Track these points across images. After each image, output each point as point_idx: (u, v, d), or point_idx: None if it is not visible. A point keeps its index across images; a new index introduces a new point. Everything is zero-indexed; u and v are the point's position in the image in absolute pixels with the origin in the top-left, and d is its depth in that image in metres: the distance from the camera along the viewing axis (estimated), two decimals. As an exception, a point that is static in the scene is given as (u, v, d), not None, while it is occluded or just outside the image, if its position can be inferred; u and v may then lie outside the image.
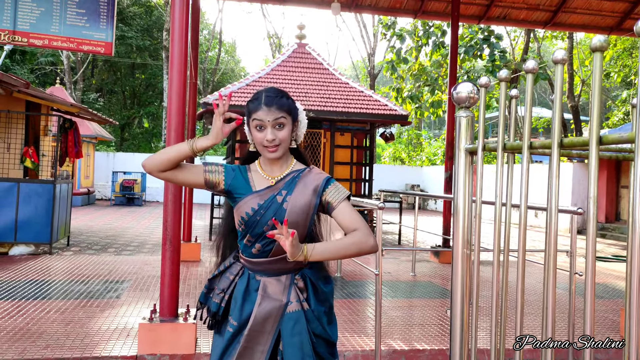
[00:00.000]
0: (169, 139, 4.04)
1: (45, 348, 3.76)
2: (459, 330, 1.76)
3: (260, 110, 1.97)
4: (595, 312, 5.42)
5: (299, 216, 2.01)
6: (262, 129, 1.97)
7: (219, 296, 2.09)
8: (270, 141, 1.96)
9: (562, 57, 1.22)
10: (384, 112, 11.52)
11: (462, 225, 1.74)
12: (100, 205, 18.68)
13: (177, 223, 3.97)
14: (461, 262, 1.75)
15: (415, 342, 4.27)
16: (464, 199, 1.72)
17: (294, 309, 2.02)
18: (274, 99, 1.99)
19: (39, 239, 7.68)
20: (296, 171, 2.08)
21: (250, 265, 2.08)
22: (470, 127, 1.71)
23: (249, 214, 1.99)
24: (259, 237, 2.01)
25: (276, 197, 2.02)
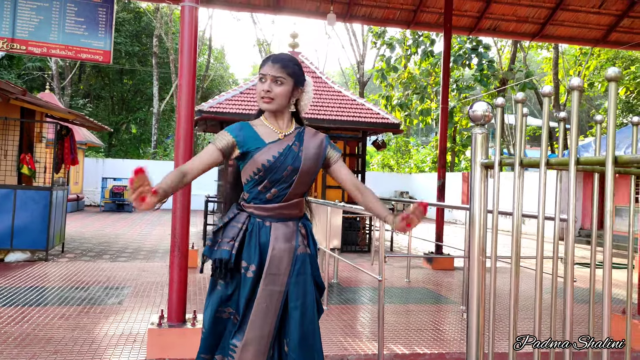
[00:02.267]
0: (177, 150, 4.13)
1: (54, 353, 3.82)
2: (475, 335, 1.88)
3: (266, 65, 2.20)
4: (581, 316, 5.58)
5: (312, 163, 2.25)
6: (263, 82, 2.19)
7: (230, 244, 2.18)
8: (265, 92, 2.17)
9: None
10: (376, 121, 11.68)
11: (478, 235, 1.86)
12: (90, 211, 18.60)
13: (186, 230, 4.06)
14: (477, 270, 1.87)
15: (415, 346, 4.39)
16: (480, 210, 1.85)
17: (302, 252, 2.24)
18: (281, 60, 2.22)
19: (35, 246, 7.70)
20: (299, 128, 2.33)
21: (260, 211, 2.22)
22: (486, 142, 1.85)
23: (270, 161, 2.17)
24: (276, 182, 2.20)
25: (292, 146, 2.23)
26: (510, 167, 1.80)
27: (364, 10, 9.39)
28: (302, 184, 2.24)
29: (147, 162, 23.41)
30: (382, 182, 23.93)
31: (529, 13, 9.50)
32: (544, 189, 1.62)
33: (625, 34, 9.81)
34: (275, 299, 2.16)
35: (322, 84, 12.60)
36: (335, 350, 4.19)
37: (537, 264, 1.64)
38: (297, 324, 2.15)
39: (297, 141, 2.25)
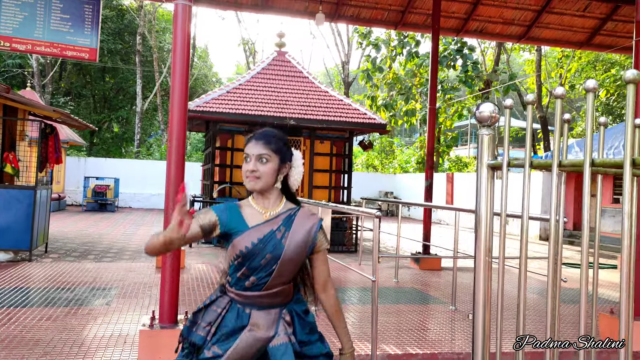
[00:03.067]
0: (170, 152, 4.08)
1: (43, 355, 3.75)
2: (480, 335, 1.88)
3: (249, 143, 2.13)
4: (568, 316, 5.65)
5: (296, 253, 2.12)
6: (248, 161, 2.11)
7: (205, 329, 2.12)
8: (250, 172, 2.09)
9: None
10: (363, 121, 11.70)
11: (484, 236, 1.86)
12: (72, 211, 18.33)
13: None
14: (483, 271, 1.87)
15: (407, 346, 4.40)
16: (487, 211, 1.85)
17: (281, 342, 2.11)
18: (265, 136, 2.13)
19: (19, 246, 7.56)
20: (291, 209, 2.20)
21: (240, 298, 2.14)
22: (492, 143, 1.85)
23: (248, 247, 2.08)
24: (254, 270, 2.10)
25: (275, 232, 2.11)
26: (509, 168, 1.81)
27: (352, 10, 9.40)
28: (284, 273, 2.13)
29: (131, 161, 23.17)
30: (367, 182, 23.99)
31: (515, 15, 9.60)
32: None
33: (608, 37, 9.97)
34: None
35: (309, 84, 12.59)
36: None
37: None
38: None
39: (284, 225, 2.14)
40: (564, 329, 5.14)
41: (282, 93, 12.01)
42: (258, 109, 11.22)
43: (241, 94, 11.64)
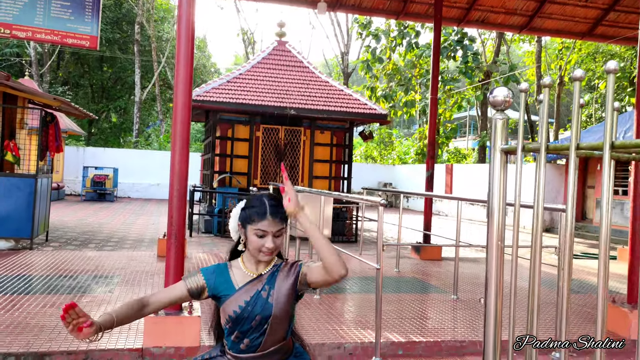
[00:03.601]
0: (174, 139, 4.07)
1: (49, 341, 3.76)
2: (492, 321, 1.88)
3: (265, 220, 2.07)
4: (574, 307, 5.68)
5: (284, 306, 2.11)
6: (263, 237, 2.08)
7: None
8: (269, 249, 2.08)
9: (614, 67, 1.34)
10: (364, 111, 11.68)
11: (497, 223, 1.86)
12: (71, 200, 18.31)
13: (182, 218, 4.01)
14: (495, 259, 1.86)
15: (410, 334, 4.42)
16: (499, 198, 1.85)
17: None
18: (277, 209, 2.11)
19: (20, 234, 7.55)
20: (275, 266, 2.19)
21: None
22: (506, 128, 1.85)
23: (237, 312, 2.08)
24: (246, 332, 2.09)
25: (261, 292, 2.10)
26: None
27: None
28: (278, 331, 2.13)
29: (130, 151, 23.13)
30: (366, 173, 23.99)
31: (518, 5, 9.56)
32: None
33: (610, 28, 9.94)
34: None
35: (310, 74, 12.55)
36: (332, 338, 4.20)
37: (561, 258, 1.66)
38: None
39: (268, 284, 2.13)
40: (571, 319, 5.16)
41: (283, 83, 11.97)
42: (258, 98, 11.19)
43: (241, 84, 11.60)
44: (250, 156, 11.50)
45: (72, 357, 3.61)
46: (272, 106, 11.06)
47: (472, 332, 4.58)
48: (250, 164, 11.51)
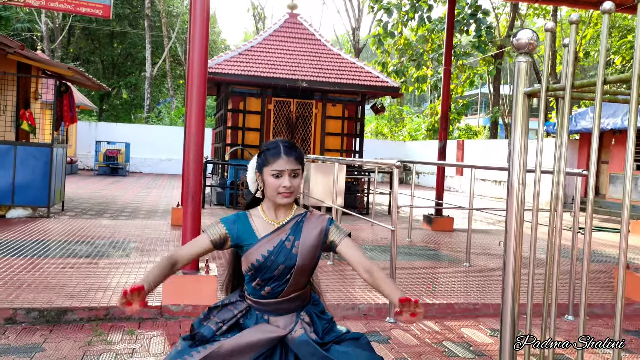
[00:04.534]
0: (190, 106, 4.09)
1: (70, 298, 3.85)
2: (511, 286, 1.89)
3: (280, 159, 2.09)
4: (590, 274, 5.71)
5: (308, 259, 2.13)
6: (279, 177, 2.09)
7: (217, 325, 2.15)
8: (287, 188, 2.09)
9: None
10: (376, 84, 11.62)
11: (518, 174, 1.86)
12: (84, 175, 18.48)
13: (199, 179, 4.05)
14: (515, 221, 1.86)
15: (423, 297, 4.47)
16: (521, 144, 1.85)
17: (300, 333, 2.13)
18: (291, 150, 2.13)
19: (37, 203, 7.66)
20: (299, 215, 2.19)
21: (258, 305, 2.18)
22: (529, 71, 1.85)
23: (260, 260, 2.09)
24: (268, 280, 2.12)
25: (285, 242, 2.12)
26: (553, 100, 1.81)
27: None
28: (300, 281, 2.16)
29: (142, 126, 23.20)
30: (377, 149, 23.93)
31: (534, -25, 9.39)
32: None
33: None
34: None
35: (321, 47, 12.46)
36: (346, 299, 4.26)
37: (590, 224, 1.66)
38: None
39: (293, 234, 2.14)
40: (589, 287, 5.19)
41: (294, 55, 11.91)
42: (270, 71, 11.16)
43: (253, 56, 11.56)
44: (262, 129, 11.51)
45: (93, 313, 3.70)
46: (283, 78, 11.02)
47: (484, 296, 4.62)
48: (262, 136, 11.52)
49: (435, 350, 3.45)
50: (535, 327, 3.76)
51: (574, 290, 4.39)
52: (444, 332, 3.85)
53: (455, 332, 3.86)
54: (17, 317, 3.58)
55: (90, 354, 3.11)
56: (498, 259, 6.41)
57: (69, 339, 3.34)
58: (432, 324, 4.02)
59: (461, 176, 20.00)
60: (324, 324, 2.27)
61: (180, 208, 7.64)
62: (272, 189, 2.13)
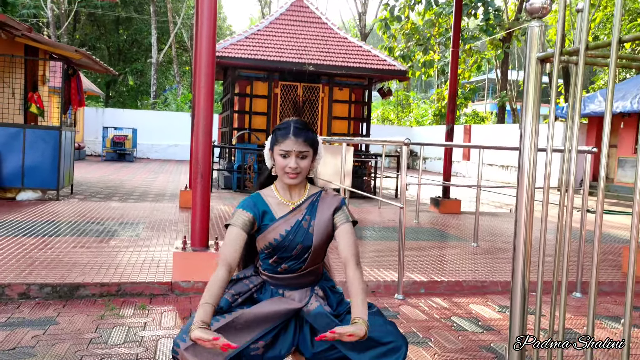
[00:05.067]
0: (198, 80, 4.09)
1: (82, 275, 3.89)
2: (521, 262, 1.88)
3: (288, 140, 2.10)
4: (604, 255, 5.71)
5: (324, 239, 2.16)
6: (287, 157, 2.10)
7: (233, 297, 2.19)
8: (292, 169, 2.09)
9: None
10: (383, 67, 11.56)
11: (531, 135, 1.85)
12: (91, 160, 18.57)
13: (208, 156, 4.07)
14: (526, 197, 1.85)
15: (432, 274, 4.49)
16: (533, 111, 1.84)
17: (315, 306, 2.17)
18: (301, 131, 2.12)
19: (46, 185, 7.72)
20: (314, 195, 2.21)
21: (273, 280, 2.22)
22: (542, 36, 1.83)
23: (278, 240, 2.12)
24: (286, 259, 2.15)
25: (301, 222, 2.14)
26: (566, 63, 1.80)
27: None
28: (317, 259, 2.19)
29: (149, 112, 23.21)
30: (383, 134, 23.86)
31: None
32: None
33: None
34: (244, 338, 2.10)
35: (328, 30, 12.40)
36: (354, 276, 4.28)
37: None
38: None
39: (309, 214, 2.16)
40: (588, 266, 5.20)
41: (301, 39, 11.86)
42: (277, 54, 11.12)
43: (260, 40, 11.52)
44: (269, 113, 11.51)
45: (105, 289, 3.74)
46: (290, 62, 10.99)
47: (493, 274, 4.64)
48: (269, 120, 11.52)
49: (444, 325, 3.47)
50: (545, 304, 3.79)
51: (582, 269, 4.40)
52: (453, 308, 3.87)
53: (464, 308, 3.88)
54: (31, 293, 3.62)
55: (103, 327, 3.15)
56: (506, 239, 6.42)
57: (81, 313, 3.38)
58: (441, 301, 4.04)
59: (468, 161, 19.95)
60: (337, 298, 2.31)
61: (188, 190, 7.68)
62: (279, 168, 2.15)
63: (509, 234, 6.75)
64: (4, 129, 7.48)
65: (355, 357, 2.13)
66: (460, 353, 2.97)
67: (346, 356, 2.15)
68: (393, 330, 2.15)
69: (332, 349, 2.17)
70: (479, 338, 3.24)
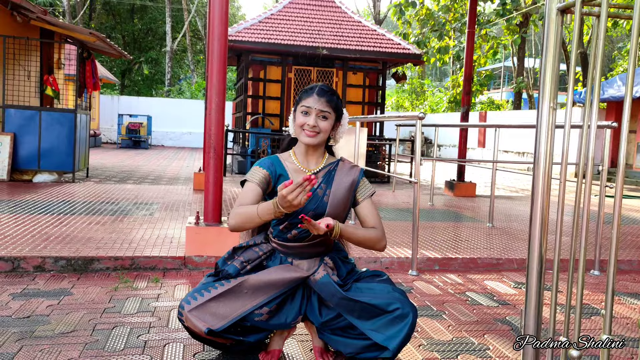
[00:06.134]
0: (211, 58, 4.06)
1: (96, 249, 3.91)
2: (538, 236, 1.82)
3: (310, 97, 2.09)
4: (619, 234, 5.61)
5: (339, 209, 2.15)
6: (307, 115, 2.08)
7: (242, 264, 2.18)
8: (311, 126, 2.07)
9: None
10: (397, 51, 11.44)
11: (548, 102, 1.79)
12: (107, 148, 18.73)
13: (221, 131, 4.05)
14: (543, 170, 1.78)
15: (446, 252, 4.45)
16: (553, 65, 1.77)
17: (322, 275, 2.16)
18: (326, 92, 2.12)
19: (62, 168, 7.78)
20: (332, 164, 2.20)
21: (283, 248, 2.21)
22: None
23: None
24: (296, 225, 2.13)
25: (317, 190, 2.13)
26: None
27: None
28: None
29: (163, 100, 23.32)
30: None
31: None
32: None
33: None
34: (245, 304, 2.12)
35: (342, 14, 12.30)
36: (369, 254, 4.25)
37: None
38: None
39: (325, 182, 2.15)
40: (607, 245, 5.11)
41: (315, 23, 11.78)
42: (290, 38, 11.06)
43: (273, 24, 11.46)
44: (283, 98, 11.47)
45: (119, 262, 3.76)
46: (304, 46, 10.92)
47: (508, 252, 4.58)
48: (283, 105, 11.49)
49: (458, 299, 3.43)
50: (562, 282, 3.73)
51: (600, 247, 4.32)
52: (467, 284, 3.82)
53: (479, 284, 3.84)
54: (46, 266, 3.65)
55: (117, 298, 3.16)
56: (522, 220, 6.34)
57: (96, 285, 3.40)
58: (455, 277, 4.00)
59: (483, 148, 19.75)
60: (348, 268, 2.29)
61: (202, 173, 7.70)
62: (298, 126, 2.13)
63: (525, 216, 6.67)
64: (20, 112, 7.54)
65: (360, 324, 2.11)
66: (475, 325, 2.94)
67: (352, 324, 2.13)
68: (400, 297, 2.12)
69: (339, 317, 2.16)
70: (494, 312, 3.20)
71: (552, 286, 1.71)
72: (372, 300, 2.09)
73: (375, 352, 2.10)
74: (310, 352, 2.43)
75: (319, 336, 2.27)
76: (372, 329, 2.09)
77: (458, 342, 2.66)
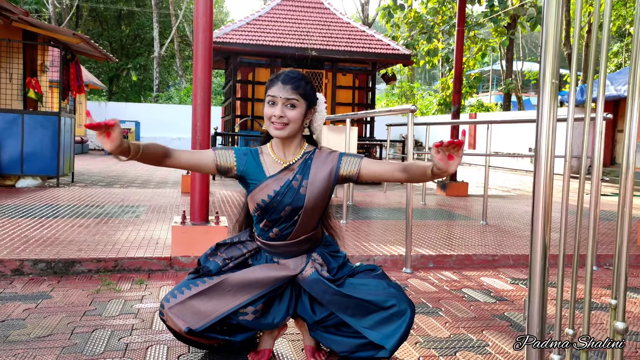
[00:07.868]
0: (196, 54, 3.94)
1: (78, 251, 3.76)
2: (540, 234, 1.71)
3: (275, 86, 1.95)
4: (605, 229, 5.55)
5: (317, 200, 2.01)
6: (273, 105, 1.95)
7: (225, 261, 2.08)
8: (277, 117, 1.94)
9: None
10: (387, 52, 11.38)
11: (552, 65, 1.68)
12: (95, 154, 18.48)
13: (207, 127, 3.92)
14: (545, 163, 1.68)
15: (440, 249, 4.34)
16: (554, 36, 1.67)
17: (309, 274, 2.05)
18: (291, 79, 1.96)
19: (46, 172, 7.60)
20: (307, 153, 2.06)
21: (267, 247, 2.10)
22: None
23: (266, 201, 1.99)
24: (276, 222, 2.02)
25: (292, 182, 2.00)
26: None
27: None
28: (309, 222, 2.04)
29: (151, 105, 23.14)
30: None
31: None
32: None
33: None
34: (231, 301, 2.01)
35: (330, 15, 12.23)
36: (360, 252, 4.14)
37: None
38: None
39: (300, 173, 2.01)
40: (603, 238, 5.03)
41: (303, 24, 11.69)
42: (279, 40, 10.96)
43: (261, 26, 11.36)
44: (272, 100, 11.36)
45: (101, 264, 3.61)
46: (293, 47, 10.83)
47: (503, 248, 4.48)
48: (272, 107, 11.38)
49: (454, 296, 3.32)
50: (564, 277, 3.63)
51: (597, 243, 4.23)
52: (463, 280, 3.71)
53: (475, 280, 3.73)
54: (24, 269, 3.49)
55: (99, 300, 3.02)
56: (515, 218, 6.25)
57: (76, 288, 3.25)
58: (450, 274, 3.89)
59: (474, 149, 19.75)
60: (338, 262, 2.17)
61: (190, 175, 7.55)
62: (266, 119, 2.00)
63: (518, 214, 6.59)
64: (2, 115, 7.36)
65: (354, 322, 1.99)
66: (472, 321, 2.82)
67: (345, 322, 2.02)
68: (396, 292, 2.00)
69: (332, 314, 2.04)
70: (491, 308, 3.09)
71: (557, 282, 1.62)
72: (367, 296, 1.98)
73: (371, 351, 1.99)
74: (303, 352, 2.31)
75: (310, 334, 2.15)
76: (368, 327, 1.98)
77: (456, 339, 2.54)
